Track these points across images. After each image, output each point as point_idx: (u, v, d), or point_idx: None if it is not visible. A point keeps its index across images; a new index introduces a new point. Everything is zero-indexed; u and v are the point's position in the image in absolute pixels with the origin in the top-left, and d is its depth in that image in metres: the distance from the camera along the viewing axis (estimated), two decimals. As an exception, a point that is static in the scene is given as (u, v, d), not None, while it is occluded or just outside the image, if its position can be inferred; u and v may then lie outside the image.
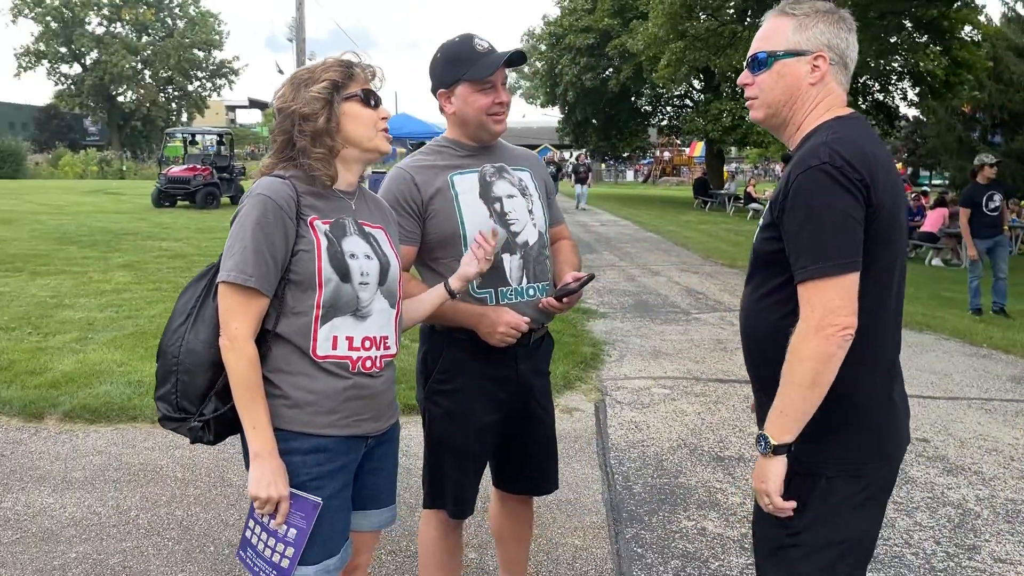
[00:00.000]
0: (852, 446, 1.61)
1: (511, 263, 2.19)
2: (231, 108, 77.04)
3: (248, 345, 1.64)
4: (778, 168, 52.28)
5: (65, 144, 46.97)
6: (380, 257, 1.81)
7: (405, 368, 3.67)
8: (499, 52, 2.14)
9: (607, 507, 3.61)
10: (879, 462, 1.64)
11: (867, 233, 1.52)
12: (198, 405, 1.69)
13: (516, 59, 2.15)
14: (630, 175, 56.13)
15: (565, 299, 2.20)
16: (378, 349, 1.79)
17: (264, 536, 1.70)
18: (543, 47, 29.00)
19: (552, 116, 35.33)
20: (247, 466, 1.68)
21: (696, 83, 27.75)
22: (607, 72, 25.63)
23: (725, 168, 37.21)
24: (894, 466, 1.69)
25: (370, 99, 1.78)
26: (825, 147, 1.53)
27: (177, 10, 57.84)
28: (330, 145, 1.73)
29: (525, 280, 2.21)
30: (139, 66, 56.24)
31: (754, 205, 23.40)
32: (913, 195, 14.94)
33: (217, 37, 58.91)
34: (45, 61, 54.24)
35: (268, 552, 1.70)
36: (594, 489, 3.80)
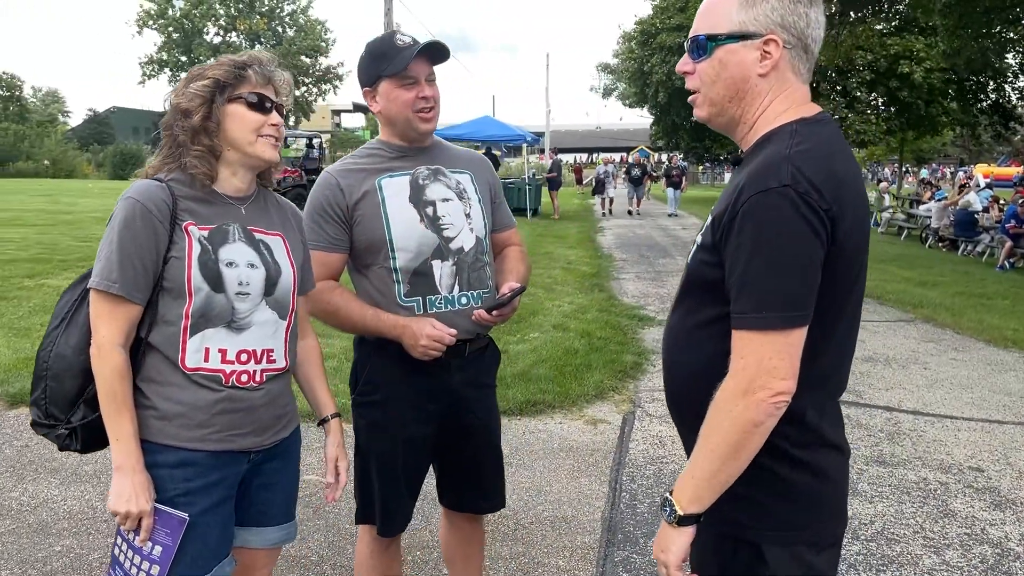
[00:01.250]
0: (785, 509, 1.35)
1: (442, 270, 2.10)
2: (336, 112, 79.71)
3: (114, 354, 1.60)
4: (888, 171, 49.58)
5: (182, 148, 49.85)
6: (268, 266, 1.74)
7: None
8: (419, 44, 2.04)
9: (603, 526, 3.44)
10: (819, 525, 1.37)
11: (824, 274, 1.25)
12: (66, 412, 1.66)
13: (436, 52, 2.06)
14: (727, 177, 54.42)
15: (495, 312, 2.08)
16: (257, 363, 1.71)
17: (130, 553, 1.65)
18: (633, 46, 28.54)
19: (649, 118, 34.66)
20: None
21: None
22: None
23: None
24: (839, 528, 1.43)
25: (261, 103, 1.70)
26: (787, 164, 1.23)
27: (287, 19, 60.40)
28: (208, 144, 1.67)
29: (457, 288, 2.11)
30: (251, 73, 58.89)
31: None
32: (1021, 202, 13.74)
33: (323, 44, 61.14)
34: (167, 69, 57.66)
35: (134, 570, 1.65)
36: (595, 507, 3.64)
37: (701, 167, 49.54)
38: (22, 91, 58.61)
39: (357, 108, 74.39)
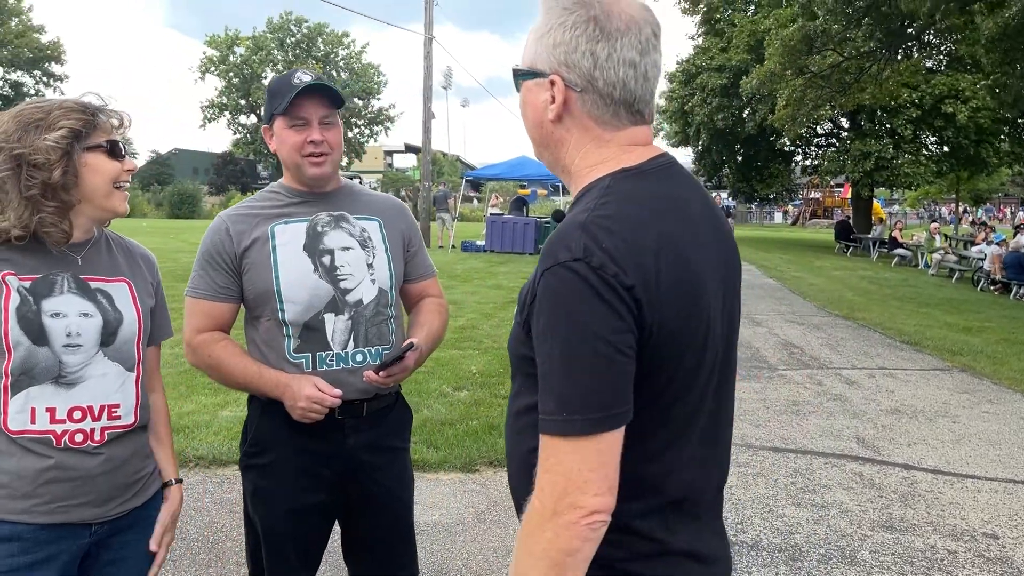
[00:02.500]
0: None
1: (335, 324, 1.97)
2: (388, 153, 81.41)
3: None
4: (945, 210, 48.09)
5: (238, 188, 51.43)
6: (106, 314, 1.62)
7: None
8: (308, 84, 1.93)
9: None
10: None
11: (641, 359, 1.05)
12: None
13: (329, 93, 1.95)
14: (778, 217, 53.57)
15: (383, 372, 1.93)
16: (95, 420, 1.58)
17: None
18: (675, 86, 28.48)
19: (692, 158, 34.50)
20: None
21: (844, 121, 26.21)
22: (743, 112, 24.73)
23: (882, 209, 34.71)
24: None
25: (115, 150, 1.61)
26: (580, 232, 1.04)
27: (342, 63, 62.24)
28: (65, 200, 1.55)
29: (352, 344, 1.98)
30: (306, 116, 60.74)
31: (900, 251, 21.50)
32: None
33: (376, 87, 62.76)
34: (226, 112, 59.89)
35: None
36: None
37: (750, 206, 48.86)
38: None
39: (408, 149, 75.88)
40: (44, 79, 54.91)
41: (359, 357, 1.99)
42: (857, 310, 11.57)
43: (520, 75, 1.20)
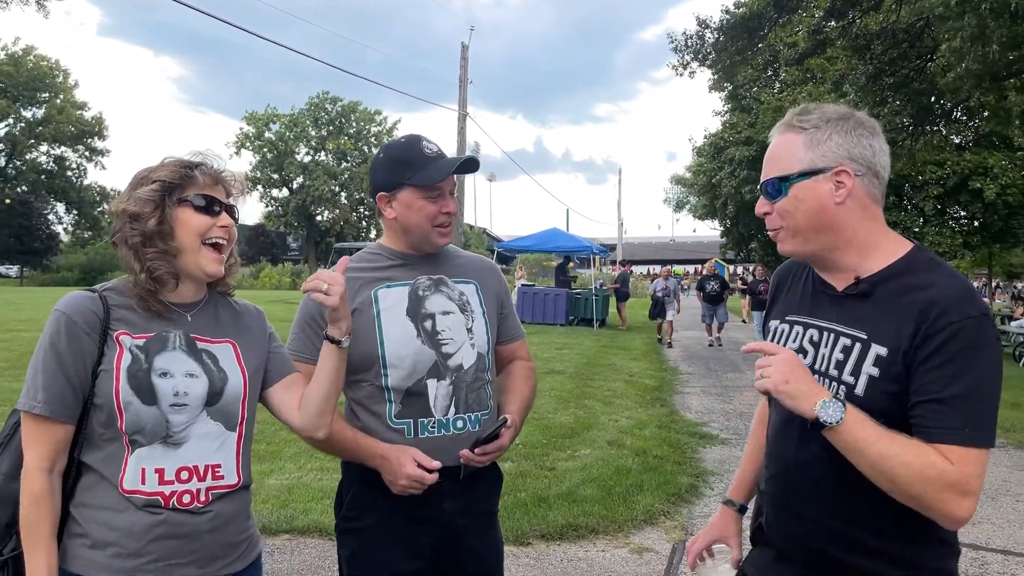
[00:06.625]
0: None
1: (437, 390, 1.95)
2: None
3: (35, 479, 1.48)
4: (976, 285, 47.38)
5: (268, 259, 52.35)
6: (212, 375, 1.62)
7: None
8: (449, 158, 1.99)
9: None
10: None
11: None
12: (2, 542, 1.54)
13: (469, 165, 2.01)
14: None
15: (478, 450, 1.91)
16: (201, 480, 1.57)
17: None
18: (703, 160, 28.80)
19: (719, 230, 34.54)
20: None
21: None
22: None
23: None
24: None
25: (209, 205, 1.61)
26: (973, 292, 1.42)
27: (373, 139, 64.03)
28: (163, 248, 1.58)
29: (453, 410, 1.95)
30: (337, 189, 62.30)
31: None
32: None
33: (406, 162, 64.28)
34: (260, 186, 61.50)
35: None
36: (631, 649, 3.31)
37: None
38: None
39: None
40: (87, 154, 57.09)
41: (459, 424, 1.96)
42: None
43: (793, 178, 1.48)
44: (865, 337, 1.41)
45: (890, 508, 1.37)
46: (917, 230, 21.36)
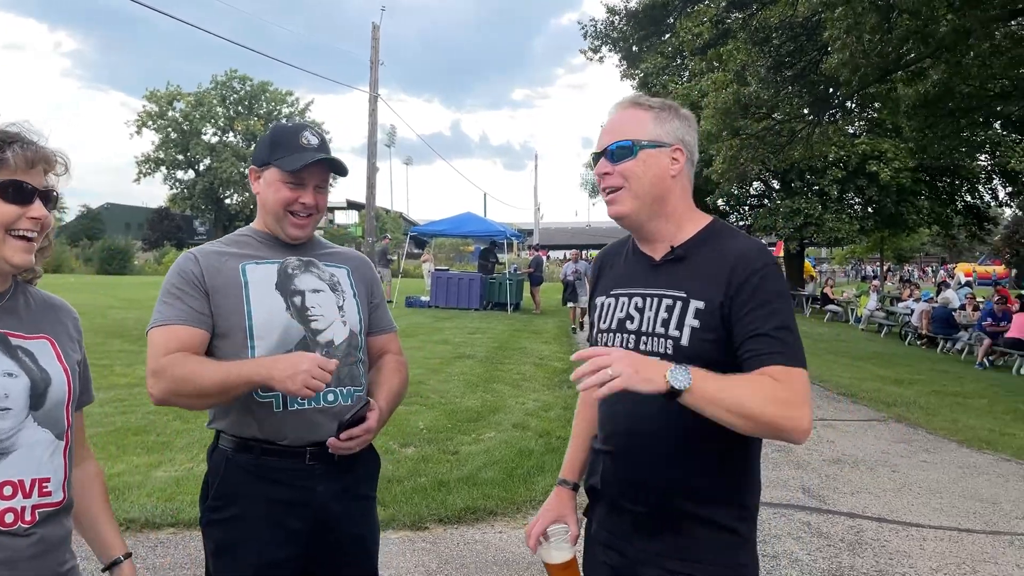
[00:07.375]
0: None
1: None
2: (331, 209, 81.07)
3: None
4: (869, 268, 50.11)
5: (173, 243, 50.21)
6: (32, 374, 1.42)
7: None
8: (319, 154, 1.93)
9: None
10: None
11: None
12: None
13: (333, 165, 1.97)
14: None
15: (343, 433, 1.85)
16: (27, 497, 1.38)
17: None
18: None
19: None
20: None
21: (775, 183, 27.26)
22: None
23: (813, 268, 35.88)
24: None
25: (16, 193, 1.38)
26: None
27: (284, 120, 62.27)
28: None
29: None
30: (246, 171, 60.27)
31: (831, 307, 22.29)
32: (996, 299, 13.78)
33: (318, 144, 62.81)
34: (163, 167, 58.87)
35: None
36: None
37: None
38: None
39: (351, 205, 75.70)
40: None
41: (331, 397, 1.91)
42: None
43: (643, 144, 1.64)
44: (684, 295, 1.59)
45: (716, 452, 1.57)
46: (816, 215, 22.35)
